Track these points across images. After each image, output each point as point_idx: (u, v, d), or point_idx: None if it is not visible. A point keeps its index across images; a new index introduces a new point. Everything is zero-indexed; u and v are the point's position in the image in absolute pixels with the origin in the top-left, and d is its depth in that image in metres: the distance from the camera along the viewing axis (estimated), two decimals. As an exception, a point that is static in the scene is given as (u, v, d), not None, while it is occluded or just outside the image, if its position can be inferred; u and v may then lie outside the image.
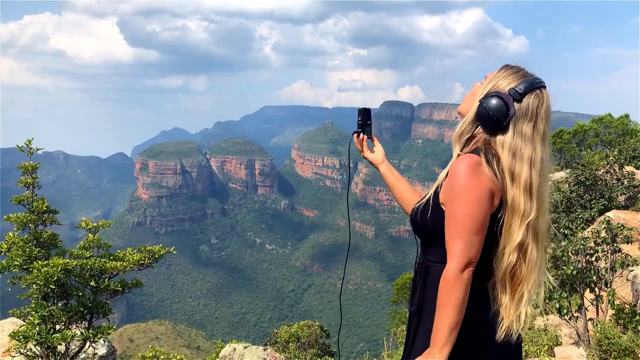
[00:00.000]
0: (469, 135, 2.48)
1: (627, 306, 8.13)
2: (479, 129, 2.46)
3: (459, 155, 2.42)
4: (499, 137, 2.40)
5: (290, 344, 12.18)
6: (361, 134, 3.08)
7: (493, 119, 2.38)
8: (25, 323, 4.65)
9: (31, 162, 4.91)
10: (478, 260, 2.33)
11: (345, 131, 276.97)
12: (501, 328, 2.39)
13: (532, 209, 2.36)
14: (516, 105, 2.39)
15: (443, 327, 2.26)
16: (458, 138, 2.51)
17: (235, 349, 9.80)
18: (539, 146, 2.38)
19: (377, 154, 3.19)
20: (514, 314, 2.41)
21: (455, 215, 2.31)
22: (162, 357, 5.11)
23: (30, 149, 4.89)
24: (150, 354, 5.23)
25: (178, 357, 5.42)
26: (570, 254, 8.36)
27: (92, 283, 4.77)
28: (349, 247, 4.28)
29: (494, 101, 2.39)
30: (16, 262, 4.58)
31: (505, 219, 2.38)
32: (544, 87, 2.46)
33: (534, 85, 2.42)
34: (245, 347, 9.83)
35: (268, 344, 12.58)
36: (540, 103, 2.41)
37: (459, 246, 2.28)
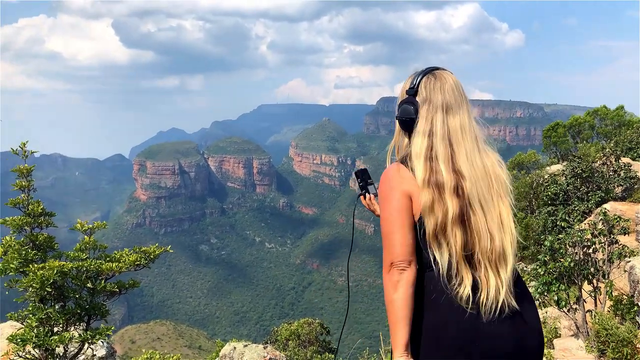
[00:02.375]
0: (404, 148, 2.63)
1: (624, 297, 8.15)
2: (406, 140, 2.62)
3: None
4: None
5: (291, 341, 12.20)
6: (367, 195, 3.06)
7: (409, 120, 2.56)
8: (23, 326, 4.65)
9: (26, 165, 4.91)
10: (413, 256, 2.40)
11: (342, 128, 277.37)
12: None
13: (447, 174, 2.41)
14: (417, 98, 2.57)
15: (390, 329, 2.36)
16: (396, 155, 2.68)
17: (235, 347, 9.81)
18: (438, 117, 2.50)
19: None
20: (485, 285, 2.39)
21: (381, 224, 2.48)
22: (157, 357, 5.11)
23: (25, 152, 4.88)
24: (145, 356, 5.24)
25: (174, 357, 5.42)
26: (567, 246, 8.38)
27: (88, 285, 4.77)
28: (348, 262, 4.25)
29: (402, 108, 2.60)
30: (12, 265, 4.58)
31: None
32: (436, 69, 2.63)
33: (421, 74, 2.61)
34: (246, 346, 9.85)
35: (268, 342, 12.61)
36: (432, 81, 2.58)
37: (384, 250, 2.42)
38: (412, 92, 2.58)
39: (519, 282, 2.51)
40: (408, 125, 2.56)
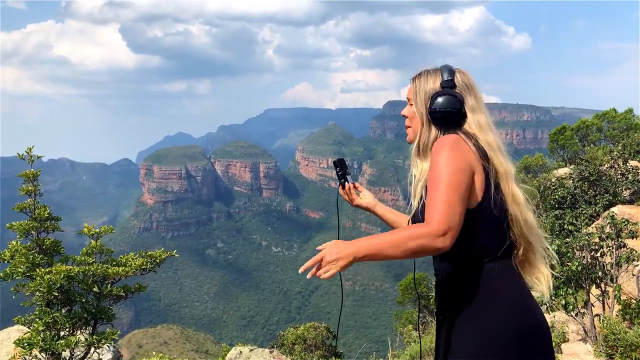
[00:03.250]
0: (430, 141, 2.51)
1: (633, 301, 8.09)
2: (433, 133, 2.52)
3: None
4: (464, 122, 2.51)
5: (297, 345, 12.18)
6: (346, 184, 3.05)
7: (453, 113, 2.43)
8: (30, 330, 4.68)
9: (32, 169, 4.94)
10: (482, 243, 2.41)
11: (348, 132, 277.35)
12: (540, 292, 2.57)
13: (512, 168, 2.51)
14: (461, 91, 2.52)
15: (380, 243, 2.16)
16: (424, 149, 2.54)
17: (241, 352, 9.81)
18: (486, 112, 2.55)
19: (367, 197, 3.21)
20: (545, 276, 2.57)
21: (443, 184, 2.25)
22: (163, 361, 5.12)
23: (31, 157, 4.92)
24: (155, 359, 5.25)
25: (181, 361, 5.42)
26: (575, 249, 8.33)
27: (95, 289, 4.79)
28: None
29: (440, 100, 2.44)
30: (19, 270, 4.61)
31: (503, 188, 2.45)
32: (453, 70, 2.61)
33: (450, 68, 2.57)
34: (252, 350, 9.84)
35: (275, 346, 12.59)
36: (465, 77, 2.56)
37: (440, 209, 2.19)
38: (450, 83, 2.47)
39: None
40: (450, 118, 2.44)
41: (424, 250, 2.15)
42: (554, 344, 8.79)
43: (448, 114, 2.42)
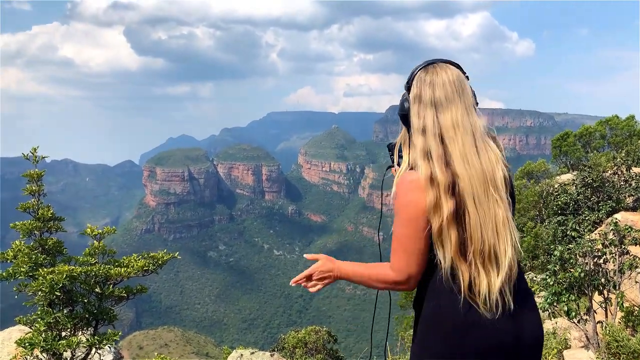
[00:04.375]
0: (406, 143, 2.57)
1: (635, 308, 8.06)
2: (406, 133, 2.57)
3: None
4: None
5: (298, 349, 12.16)
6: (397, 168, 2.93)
7: (402, 114, 2.52)
8: (31, 330, 4.68)
9: (36, 170, 4.96)
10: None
11: (351, 136, 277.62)
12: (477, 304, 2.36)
13: (440, 174, 2.32)
14: (410, 94, 2.50)
15: (355, 274, 2.59)
16: (402, 150, 2.59)
17: (242, 355, 9.80)
18: (428, 113, 2.40)
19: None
20: (486, 284, 2.35)
21: (400, 233, 2.48)
22: (165, 362, 5.11)
23: (35, 157, 4.93)
24: (156, 360, 5.25)
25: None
26: (577, 256, 8.30)
27: (97, 290, 4.79)
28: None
29: (400, 103, 2.54)
30: (22, 269, 4.62)
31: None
32: (434, 62, 2.50)
33: (415, 70, 2.50)
34: (252, 353, 9.83)
35: (275, 349, 12.57)
36: (423, 76, 2.46)
37: (401, 256, 2.46)
38: (407, 87, 2.51)
39: (521, 286, 2.45)
40: (404, 120, 2.52)
41: (390, 289, 2.50)
42: (555, 350, 8.77)
43: (401, 117, 2.55)
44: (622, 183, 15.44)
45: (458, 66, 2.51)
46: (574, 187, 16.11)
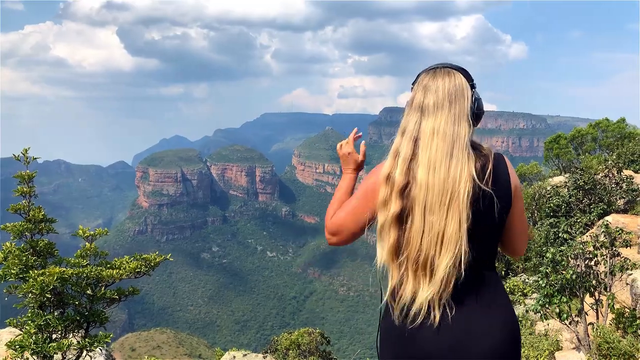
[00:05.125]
0: None
1: (626, 310, 8.10)
2: None
3: None
4: None
5: (291, 351, 12.13)
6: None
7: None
8: (21, 332, 4.64)
9: (27, 171, 4.92)
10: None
11: (345, 138, 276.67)
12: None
13: (398, 174, 2.36)
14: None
15: (338, 196, 2.88)
16: None
17: (234, 356, 9.77)
18: (412, 116, 2.44)
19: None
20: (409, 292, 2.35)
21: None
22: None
23: (27, 158, 4.90)
24: (146, 362, 5.22)
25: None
26: (569, 258, 8.34)
27: (88, 291, 4.76)
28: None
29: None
30: (12, 271, 4.58)
31: None
32: (437, 68, 2.51)
33: (421, 72, 2.54)
34: (245, 355, 9.81)
35: (268, 351, 12.54)
36: (424, 80, 2.48)
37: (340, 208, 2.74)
38: (411, 88, 2.55)
39: (484, 292, 2.39)
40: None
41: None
42: (547, 352, 8.80)
43: None
44: (613, 185, 15.54)
45: (465, 72, 2.48)
46: (566, 190, 16.20)
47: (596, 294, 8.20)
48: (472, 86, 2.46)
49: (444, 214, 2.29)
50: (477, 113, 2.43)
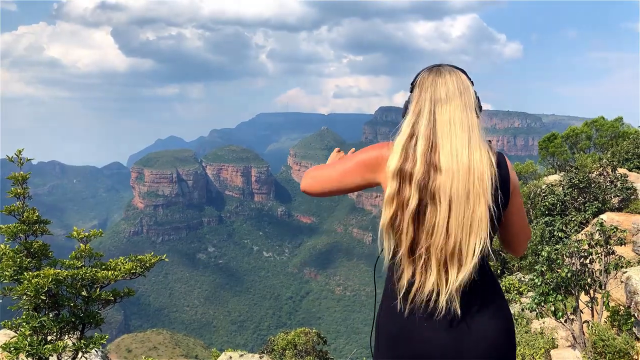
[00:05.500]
0: None
1: (621, 308, 8.14)
2: None
3: None
4: None
5: (287, 351, 12.13)
6: None
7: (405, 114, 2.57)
8: (16, 334, 4.62)
9: (21, 172, 4.90)
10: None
11: (340, 137, 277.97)
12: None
13: (419, 169, 2.32)
14: (412, 93, 2.58)
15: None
16: None
17: (231, 357, 9.76)
18: (425, 109, 2.44)
19: None
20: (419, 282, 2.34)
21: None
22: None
23: (21, 159, 4.88)
24: (142, 363, 5.20)
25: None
26: (564, 256, 8.38)
27: (83, 293, 4.75)
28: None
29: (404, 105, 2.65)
30: (7, 273, 4.56)
31: None
32: (440, 66, 2.56)
33: (423, 70, 2.58)
34: (242, 355, 9.80)
35: (265, 351, 12.53)
36: (426, 76, 2.51)
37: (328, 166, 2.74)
38: (411, 87, 2.57)
39: (484, 291, 2.39)
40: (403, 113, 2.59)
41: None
42: (542, 350, 8.83)
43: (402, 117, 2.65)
44: (607, 184, 15.60)
45: (463, 72, 2.54)
46: (561, 188, 16.25)
47: (591, 292, 8.23)
48: (472, 83, 2.53)
49: (470, 201, 2.30)
50: (480, 107, 2.51)
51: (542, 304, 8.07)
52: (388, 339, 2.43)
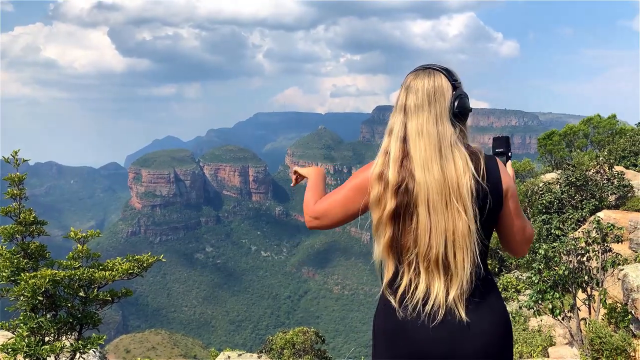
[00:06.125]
0: None
1: (618, 305, 8.16)
2: None
3: None
4: None
5: (285, 350, 12.13)
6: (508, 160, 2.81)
7: None
8: (14, 335, 4.61)
9: (18, 173, 4.89)
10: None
11: (338, 136, 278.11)
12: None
13: (392, 174, 2.38)
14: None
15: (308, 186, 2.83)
16: None
17: (229, 357, 9.76)
18: (397, 117, 2.47)
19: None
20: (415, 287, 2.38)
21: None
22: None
23: (17, 160, 4.87)
24: (140, 363, 5.20)
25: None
26: (562, 254, 8.40)
27: (81, 293, 4.74)
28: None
29: None
30: (4, 274, 4.55)
31: None
32: (422, 69, 2.53)
33: (409, 73, 2.57)
34: (240, 355, 9.80)
35: (263, 351, 12.54)
36: (408, 81, 2.51)
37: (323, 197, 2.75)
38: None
39: (480, 290, 2.38)
40: None
41: (304, 213, 2.75)
42: (540, 347, 8.86)
43: None
44: (604, 181, 15.64)
45: (447, 72, 2.48)
46: (558, 186, 16.29)
47: (588, 289, 8.26)
48: (455, 86, 2.45)
49: (448, 212, 2.32)
50: (458, 112, 2.42)
51: (540, 302, 8.09)
52: (385, 339, 2.45)
